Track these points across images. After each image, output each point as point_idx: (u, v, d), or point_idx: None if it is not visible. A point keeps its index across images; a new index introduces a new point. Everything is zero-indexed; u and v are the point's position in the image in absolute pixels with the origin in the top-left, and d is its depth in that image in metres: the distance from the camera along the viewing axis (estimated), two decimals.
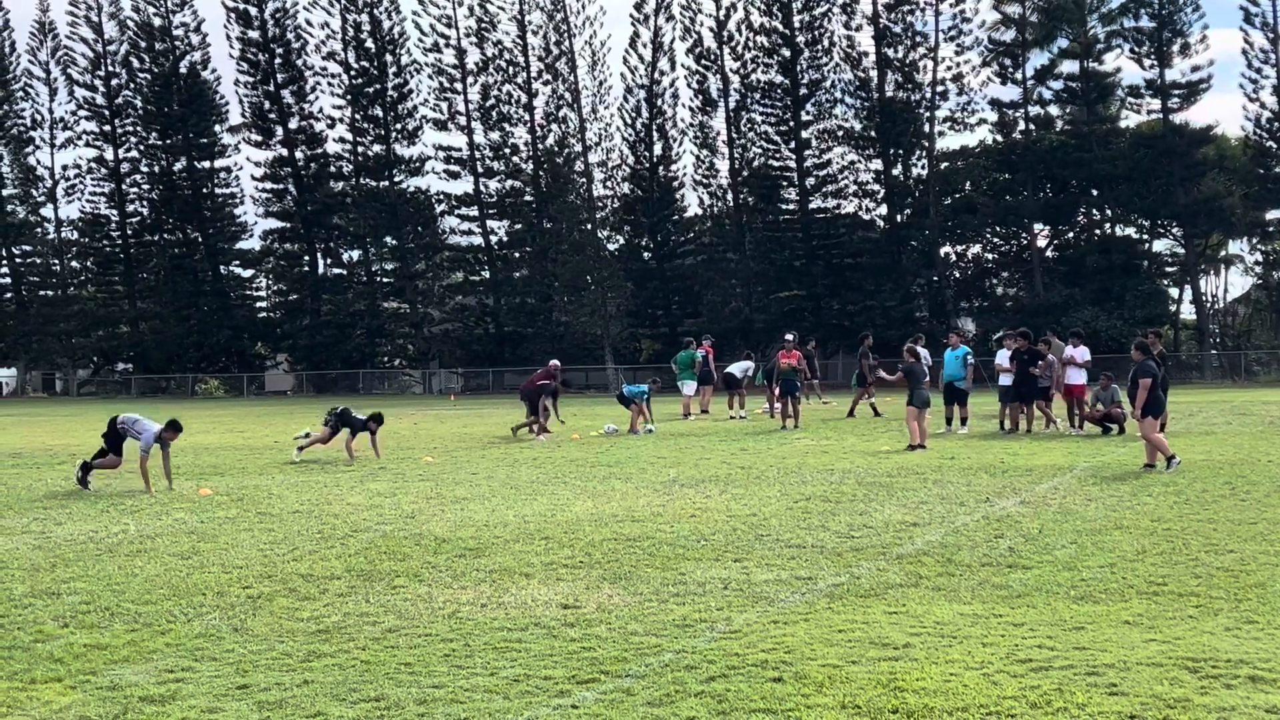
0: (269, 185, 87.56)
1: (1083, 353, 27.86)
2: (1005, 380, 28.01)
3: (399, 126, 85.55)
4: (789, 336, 34.04)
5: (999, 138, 76.69)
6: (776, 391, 32.11)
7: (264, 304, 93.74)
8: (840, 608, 9.76)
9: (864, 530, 13.67)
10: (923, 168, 78.54)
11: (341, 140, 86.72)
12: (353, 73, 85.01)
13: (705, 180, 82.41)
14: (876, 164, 79.05)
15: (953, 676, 7.65)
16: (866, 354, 35.37)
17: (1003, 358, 28.31)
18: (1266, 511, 14.40)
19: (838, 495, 16.82)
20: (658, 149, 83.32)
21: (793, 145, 79.41)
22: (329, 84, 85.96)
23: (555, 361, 33.11)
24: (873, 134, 77.83)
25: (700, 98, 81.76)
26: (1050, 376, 27.50)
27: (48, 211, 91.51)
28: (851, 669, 7.88)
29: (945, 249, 79.44)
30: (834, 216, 79.68)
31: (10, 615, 9.99)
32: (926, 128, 77.24)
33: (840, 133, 79.20)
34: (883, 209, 79.90)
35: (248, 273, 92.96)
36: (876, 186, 79.48)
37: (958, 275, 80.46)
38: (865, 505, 15.71)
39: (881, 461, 21.62)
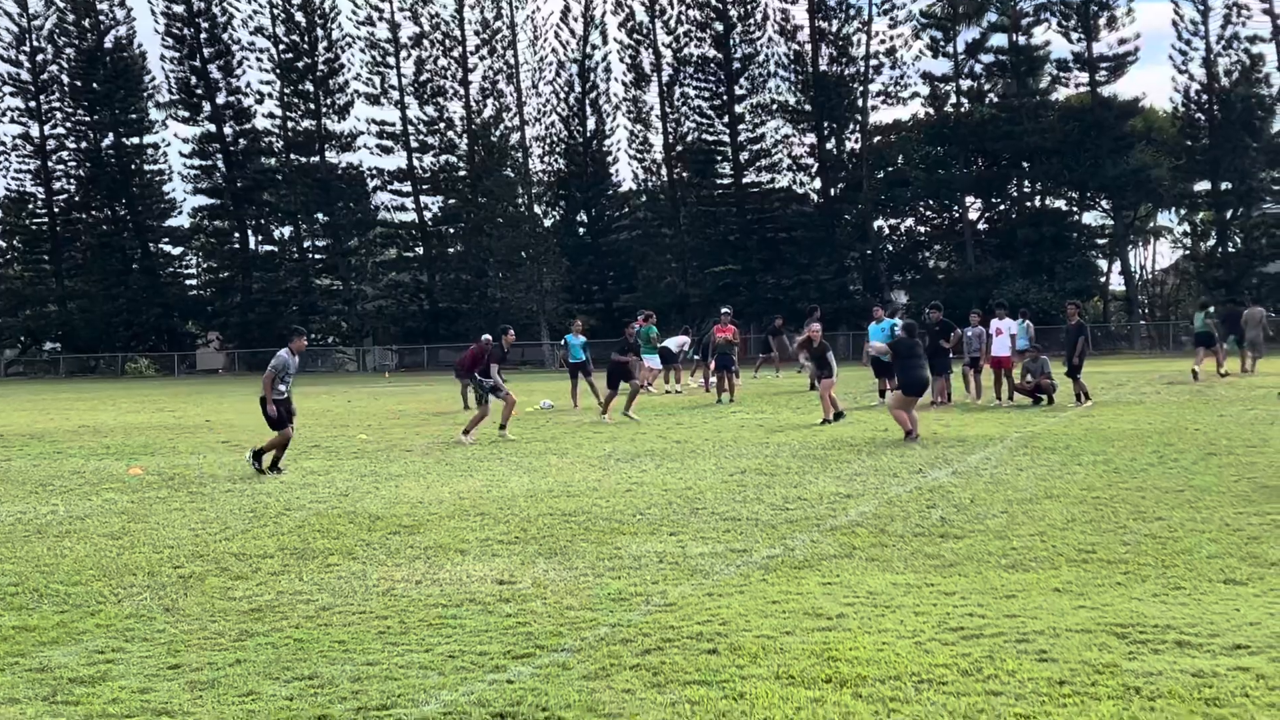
0: (197, 161, 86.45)
1: (1009, 324, 28.15)
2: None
3: (330, 101, 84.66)
4: (725, 310, 34.16)
5: (931, 111, 77.13)
6: (712, 366, 32.21)
7: (194, 282, 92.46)
8: (775, 579, 9.81)
9: (798, 503, 13.74)
10: (856, 141, 78.88)
11: (271, 115, 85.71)
12: (281, 47, 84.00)
13: (639, 155, 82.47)
14: (810, 138, 79.29)
15: (885, 645, 7.71)
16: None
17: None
18: (1194, 479, 14.61)
19: (772, 468, 16.90)
20: (591, 124, 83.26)
21: (726, 120, 79.43)
22: (257, 59, 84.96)
23: (487, 336, 32.93)
24: (807, 108, 78.04)
25: (633, 72, 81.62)
26: (979, 348, 27.91)
27: None
28: (786, 640, 7.92)
29: (878, 222, 79.92)
30: (768, 191, 79.89)
31: None
32: (860, 101, 77.56)
33: (774, 107, 79.32)
34: (816, 183, 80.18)
35: (177, 250, 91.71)
36: (810, 160, 79.73)
37: (890, 248, 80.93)
38: (800, 478, 15.80)
39: (816, 435, 21.74)
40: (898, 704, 6.55)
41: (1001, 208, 78.53)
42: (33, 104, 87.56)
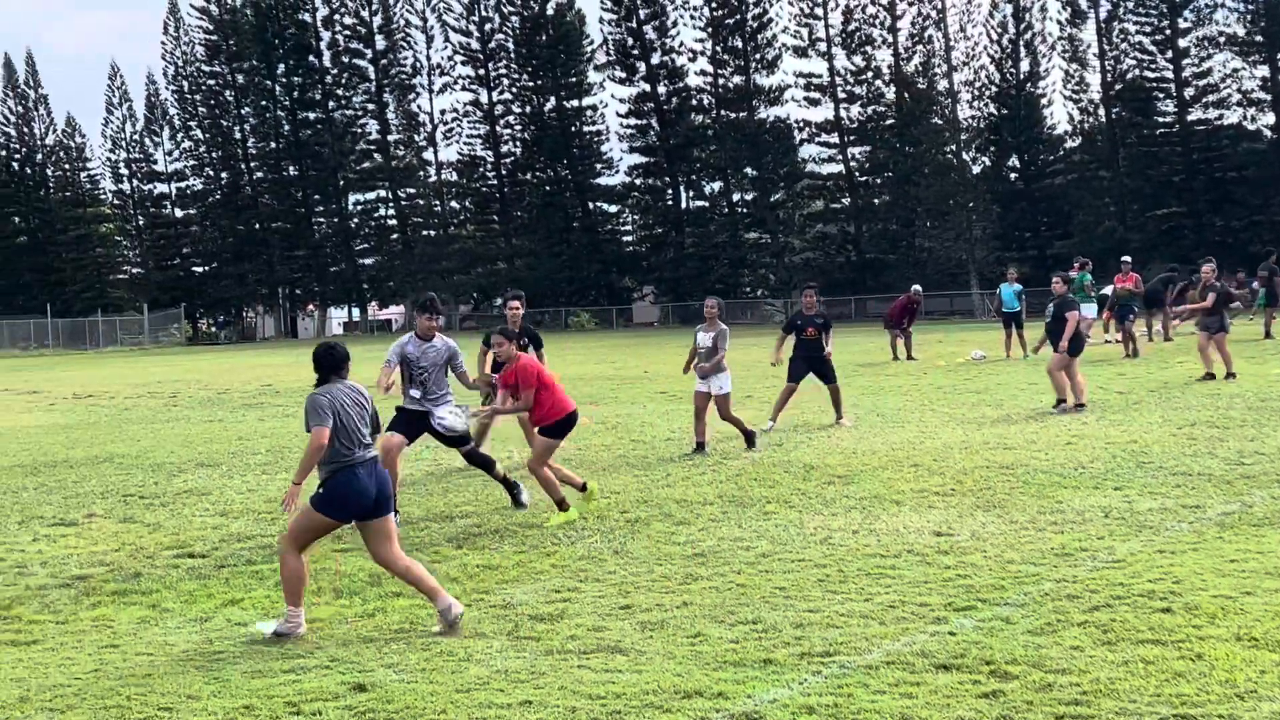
0: (632, 121, 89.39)
1: None
2: None
3: (758, 56, 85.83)
4: (1125, 260, 32.36)
5: None
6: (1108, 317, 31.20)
7: (629, 238, 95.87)
8: (1232, 537, 9.31)
9: (1255, 457, 12.96)
10: None
11: (702, 73, 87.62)
12: (713, 4, 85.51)
13: (1075, 96, 79.34)
14: (1262, 70, 74.26)
15: None
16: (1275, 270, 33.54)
17: None
18: None
19: (1225, 421, 16.00)
20: (1024, 66, 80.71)
21: (1169, 55, 75.44)
22: (690, 17, 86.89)
23: (917, 287, 32.70)
24: (1258, 39, 73.06)
25: (1069, 9, 78.58)
26: None
27: (429, 155, 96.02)
28: (1246, 600, 7.51)
29: None
30: (1215, 128, 75.51)
31: (409, 536, 10.62)
32: None
33: (1222, 39, 74.72)
34: (1270, 118, 75.09)
35: (613, 208, 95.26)
36: (1263, 95, 74.72)
37: None
38: (1256, 431, 14.89)
39: (1273, 385, 20.41)
40: None
41: None
42: (481, 72, 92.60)
